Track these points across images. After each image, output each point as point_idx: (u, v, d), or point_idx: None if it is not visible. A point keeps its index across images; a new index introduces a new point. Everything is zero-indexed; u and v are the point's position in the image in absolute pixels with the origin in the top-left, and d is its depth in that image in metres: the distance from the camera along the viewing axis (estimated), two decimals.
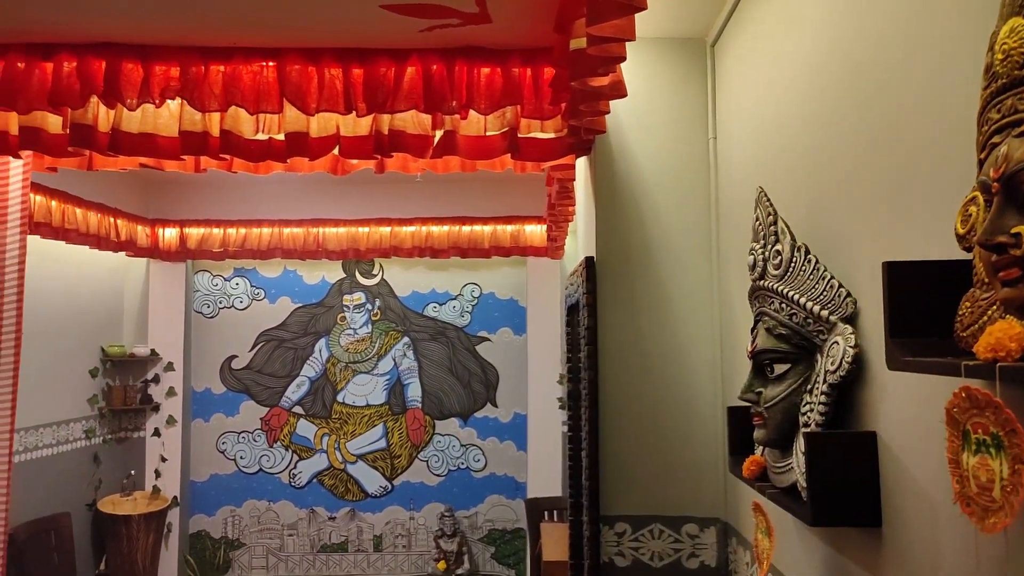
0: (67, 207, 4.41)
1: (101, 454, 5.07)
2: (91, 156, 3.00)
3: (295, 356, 5.70)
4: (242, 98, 2.49)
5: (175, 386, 5.46)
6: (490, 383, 5.70)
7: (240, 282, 5.76)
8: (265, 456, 5.64)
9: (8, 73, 2.41)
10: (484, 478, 5.63)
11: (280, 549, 5.59)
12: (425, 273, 5.77)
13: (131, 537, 4.90)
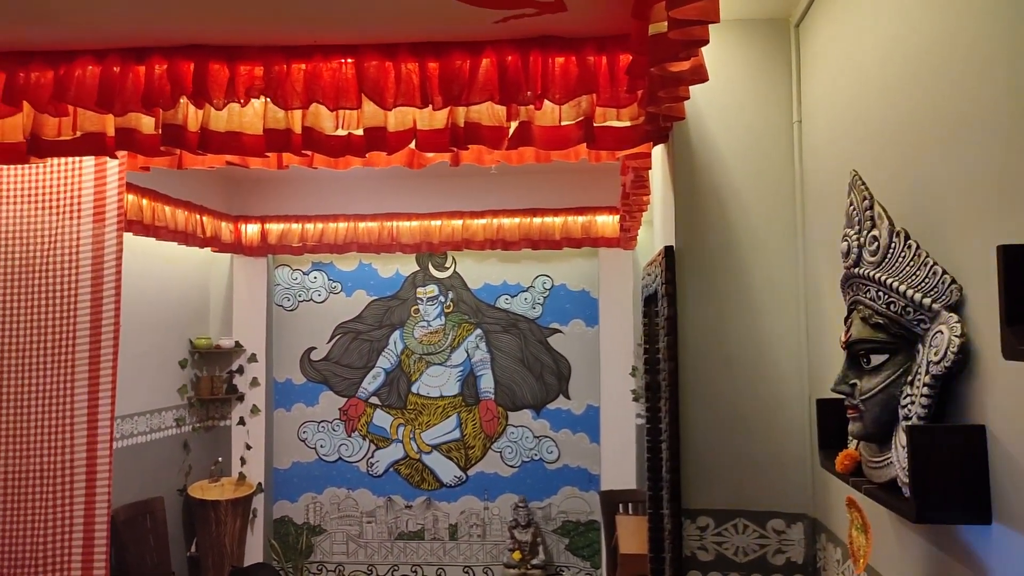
0: (157, 205, 4.61)
1: (191, 441, 5.30)
2: (181, 155, 3.12)
3: (371, 348, 5.82)
4: (323, 95, 2.54)
5: (258, 376, 5.65)
6: (562, 375, 5.69)
7: (318, 276, 5.92)
8: (344, 445, 5.79)
9: (105, 77, 2.52)
10: (557, 470, 5.63)
11: (359, 536, 5.74)
12: (497, 265, 5.80)
13: (219, 521, 5.11)
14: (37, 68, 2.54)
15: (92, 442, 2.88)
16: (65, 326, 2.92)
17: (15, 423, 2.90)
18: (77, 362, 2.90)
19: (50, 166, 3.01)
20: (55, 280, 2.94)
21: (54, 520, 2.86)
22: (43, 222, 2.99)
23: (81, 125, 2.66)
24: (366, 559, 5.72)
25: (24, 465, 2.89)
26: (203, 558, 5.13)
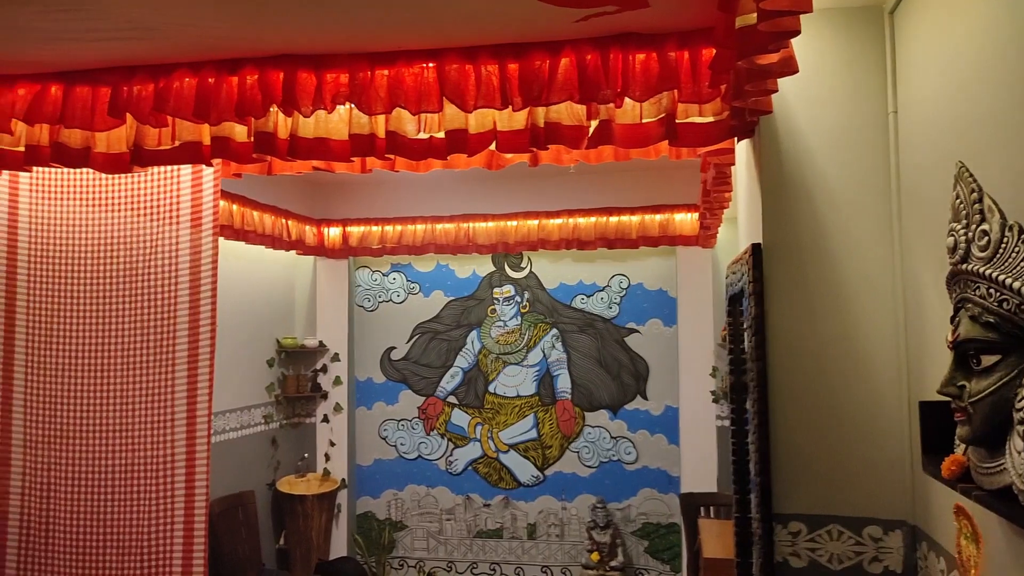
0: (246, 210, 4.79)
1: (278, 438, 5.49)
2: (271, 161, 3.24)
3: (449, 347, 5.90)
4: (405, 99, 2.59)
5: (341, 375, 5.81)
6: (640, 375, 5.63)
7: (397, 277, 6.04)
8: (423, 443, 5.89)
9: (201, 88, 2.64)
10: (636, 471, 5.58)
11: (439, 532, 5.83)
12: (572, 265, 5.79)
13: (306, 515, 5.28)
14: (139, 82, 2.68)
15: (191, 437, 3.03)
16: (166, 327, 3.07)
17: (122, 418, 3.08)
18: (177, 361, 3.05)
19: (150, 175, 3.18)
20: (157, 284, 3.10)
21: (157, 510, 3.02)
22: (145, 229, 3.16)
23: (179, 135, 2.79)
24: (446, 556, 5.80)
25: (130, 458, 3.06)
26: (291, 550, 5.31)
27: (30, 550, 3.08)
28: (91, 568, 3.04)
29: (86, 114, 2.71)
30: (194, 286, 3.08)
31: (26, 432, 3.12)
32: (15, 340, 3.15)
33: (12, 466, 3.10)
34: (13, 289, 3.16)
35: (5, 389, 3.12)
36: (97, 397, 3.10)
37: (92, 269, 3.16)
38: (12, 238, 3.18)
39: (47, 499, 3.09)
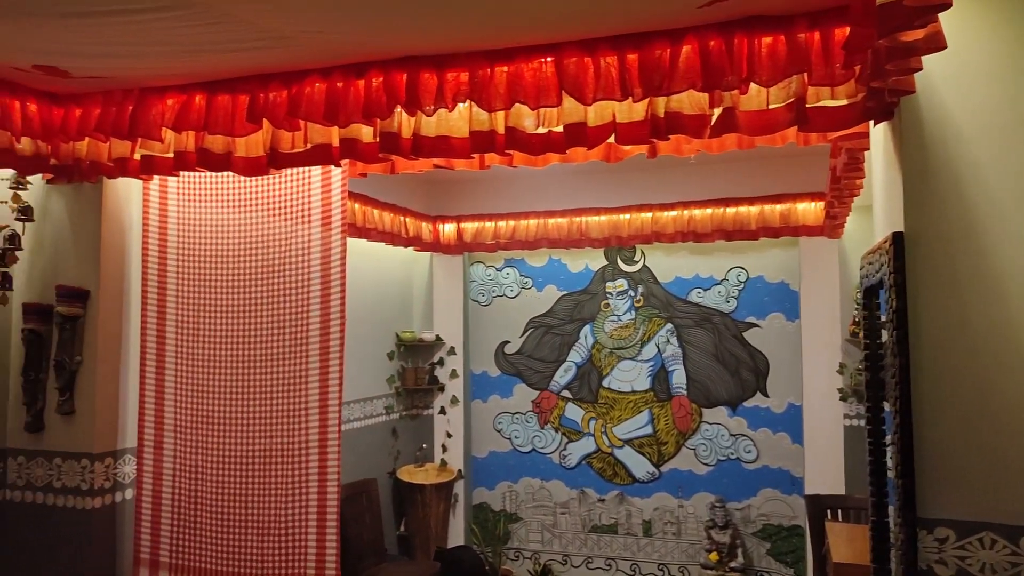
0: (367, 209, 4.98)
1: (398, 428, 5.69)
2: (394, 161, 3.35)
3: (562, 342, 5.91)
4: (524, 95, 2.60)
5: (457, 368, 5.94)
6: (760, 371, 5.45)
7: (510, 272, 6.10)
8: (537, 437, 5.93)
9: (331, 92, 2.76)
10: (756, 470, 5.40)
11: (553, 526, 5.86)
12: (688, 258, 5.66)
13: (425, 504, 5.44)
14: (274, 89, 2.83)
15: (323, 425, 3.18)
16: (299, 321, 3.24)
17: (260, 406, 3.28)
18: (310, 353, 3.21)
19: (283, 177, 3.35)
20: (291, 280, 3.28)
21: (293, 494, 3.20)
22: (279, 228, 3.34)
23: (311, 138, 2.92)
24: (561, 549, 5.83)
25: (268, 444, 3.25)
26: (411, 537, 5.49)
27: (181, 526, 3.33)
28: (235, 546, 3.26)
29: (227, 121, 2.89)
30: (325, 282, 3.23)
31: (176, 418, 3.37)
32: (166, 332, 3.41)
33: (164, 449, 3.36)
34: (164, 285, 3.42)
35: (159, 378, 3.39)
36: (238, 386, 3.31)
37: (233, 267, 3.37)
38: (163, 238, 3.44)
39: (195, 480, 3.33)
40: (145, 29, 2.30)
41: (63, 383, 3.24)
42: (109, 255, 3.33)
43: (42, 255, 3.36)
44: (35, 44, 2.47)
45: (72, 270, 3.30)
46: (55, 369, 3.26)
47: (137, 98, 2.95)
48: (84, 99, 3.03)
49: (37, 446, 3.29)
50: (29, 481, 3.30)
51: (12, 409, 3.34)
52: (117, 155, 3.10)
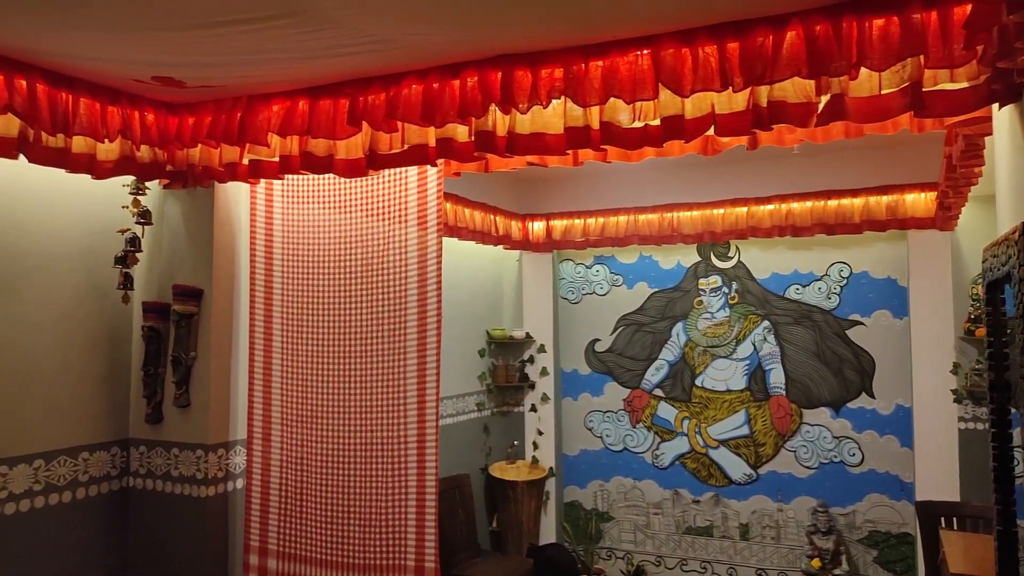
0: (458, 208, 5.04)
1: (490, 425, 5.74)
2: (487, 159, 3.38)
3: (654, 340, 5.82)
4: (619, 89, 2.58)
5: (547, 366, 5.95)
6: (865, 371, 5.20)
7: (600, 269, 6.06)
8: (629, 436, 5.87)
9: (427, 93, 2.81)
10: (862, 474, 5.16)
11: (646, 526, 5.78)
12: (785, 253, 5.47)
13: (516, 500, 5.47)
14: (373, 92, 2.90)
15: (421, 421, 3.24)
16: (397, 319, 3.32)
17: (361, 401, 3.37)
18: (408, 349, 3.28)
19: (381, 179, 3.43)
20: (389, 279, 3.36)
21: (393, 488, 3.27)
22: (377, 229, 3.42)
23: (408, 138, 2.98)
24: (654, 550, 5.74)
25: (368, 437, 3.34)
26: (504, 533, 5.53)
27: (287, 515, 3.47)
28: (338, 536, 3.36)
29: (329, 124, 2.98)
30: (421, 281, 3.29)
31: (283, 411, 3.51)
32: (272, 329, 3.55)
33: (272, 441, 3.51)
34: (270, 284, 3.57)
35: (266, 373, 3.54)
36: (339, 381, 3.42)
37: (333, 266, 3.48)
38: (268, 239, 3.59)
39: (300, 471, 3.46)
40: (256, 38, 2.40)
41: (179, 377, 3.43)
42: (220, 256, 3.50)
43: (160, 256, 3.56)
44: (155, 56, 2.62)
45: (187, 270, 3.49)
46: (172, 364, 3.45)
47: (245, 105, 3.09)
48: (197, 108, 3.20)
49: (157, 436, 3.50)
50: (150, 469, 3.51)
51: (134, 401, 3.56)
52: (227, 160, 3.26)
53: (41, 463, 3.17)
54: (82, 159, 2.99)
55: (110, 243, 3.42)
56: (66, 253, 3.30)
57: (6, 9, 2.26)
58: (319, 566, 3.39)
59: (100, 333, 3.44)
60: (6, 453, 3.04)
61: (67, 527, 3.26)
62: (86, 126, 2.92)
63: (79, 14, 2.28)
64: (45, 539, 3.17)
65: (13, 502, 3.06)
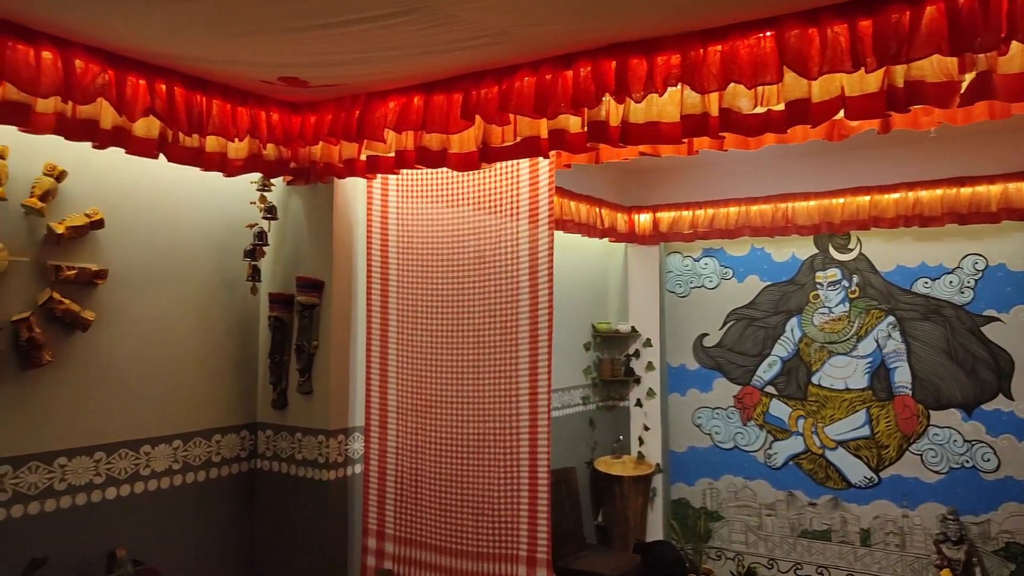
0: (564, 201, 5.02)
1: (595, 419, 5.70)
2: (599, 150, 3.35)
3: (766, 335, 5.62)
4: (740, 74, 2.49)
5: (653, 361, 5.85)
6: (1002, 371, 4.84)
7: (709, 262, 5.90)
8: (739, 433, 5.69)
9: (539, 85, 2.80)
10: (997, 481, 4.80)
11: (759, 527, 5.59)
12: (912, 244, 5.15)
13: (622, 496, 5.42)
14: (486, 85, 2.93)
15: (533, 412, 3.26)
16: (509, 312, 3.35)
17: (473, 391, 3.43)
18: (519, 342, 3.31)
19: (492, 173, 3.47)
20: (501, 273, 3.39)
21: (505, 478, 3.31)
22: (489, 223, 3.46)
23: (520, 131, 2.99)
24: (767, 552, 5.55)
25: (481, 428, 3.39)
26: (609, 528, 5.49)
27: (403, 501, 3.57)
28: (451, 523, 3.43)
29: (443, 119, 3.03)
30: (533, 275, 3.31)
31: (398, 400, 3.61)
32: (388, 320, 3.66)
33: (388, 429, 3.62)
34: (386, 277, 3.68)
35: (382, 362, 3.65)
36: (452, 372, 3.48)
37: (446, 259, 3.55)
38: (384, 233, 3.70)
39: (415, 459, 3.55)
40: (378, 35, 2.47)
41: (302, 365, 3.58)
42: (340, 249, 3.64)
43: (284, 250, 3.74)
44: (283, 58, 2.74)
45: (309, 263, 3.64)
46: (296, 352, 3.61)
47: (363, 103, 3.19)
48: (318, 106, 3.33)
49: (282, 421, 3.68)
50: (276, 452, 3.69)
51: (261, 388, 3.75)
52: (346, 156, 3.38)
53: (179, 443, 3.40)
54: (215, 158, 3.17)
55: (239, 237, 3.62)
56: (201, 247, 3.52)
57: (148, 18, 2.42)
58: (434, 551, 3.47)
59: (231, 323, 3.65)
60: (150, 433, 3.28)
61: (202, 504, 3.48)
62: (218, 126, 3.09)
63: (216, 20, 2.42)
64: (183, 514, 3.40)
65: (155, 479, 3.30)
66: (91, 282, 3.06)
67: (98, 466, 3.10)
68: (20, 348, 2.84)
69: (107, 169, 3.13)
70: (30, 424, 2.89)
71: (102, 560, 3.03)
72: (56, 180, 2.94)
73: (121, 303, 3.19)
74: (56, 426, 2.97)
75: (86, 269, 3.03)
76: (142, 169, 3.23)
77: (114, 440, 3.16)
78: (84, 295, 3.05)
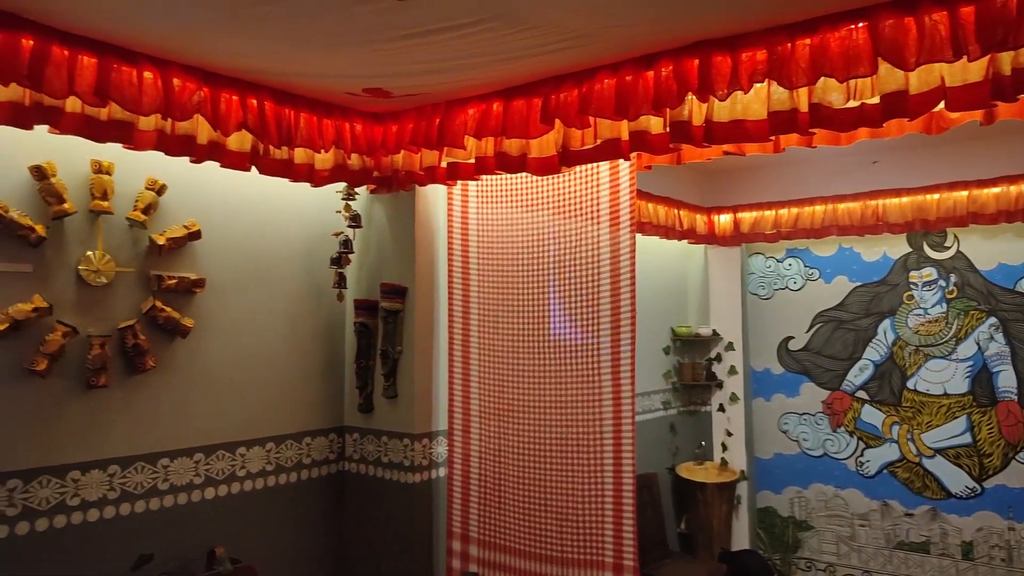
0: (642, 203, 4.96)
1: (676, 424, 5.60)
2: (680, 151, 3.30)
3: (856, 338, 5.40)
4: (831, 67, 2.41)
5: (735, 365, 5.70)
6: None
7: (793, 263, 5.72)
8: (829, 440, 5.49)
9: (620, 86, 2.78)
10: None
11: (851, 538, 5.37)
12: (1014, 241, 4.87)
13: (706, 503, 5.30)
14: (566, 89, 2.92)
15: (617, 417, 3.23)
16: (590, 316, 3.33)
17: (555, 396, 3.42)
18: (601, 347, 3.29)
19: (572, 177, 3.46)
20: (581, 277, 3.38)
21: (589, 483, 3.29)
22: (569, 227, 3.45)
23: (600, 133, 2.97)
24: (860, 564, 5.32)
25: (563, 433, 3.38)
26: (693, 536, 5.38)
27: (487, 505, 3.59)
28: (535, 528, 3.43)
29: (522, 124, 3.04)
30: (614, 279, 3.28)
31: (480, 404, 3.64)
32: (469, 325, 3.69)
33: (471, 433, 3.65)
34: (467, 282, 3.71)
35: (464, 367, 3.69)
36: (534, 376, 3.49)
37: (526, 264, 3.56)
38: (464, 239, 3.74)
39: (498, 463, 3.57)
40: (462, 43, 2.51)
41: (387, 370, 3.66)
42: (422, 255, 3.70)
43: (368, 257, 3.82)
44: (368, 69, 2.81)
45: (392, 269, 3.72)
46: (381, 357, 3.69)
47: (444, 111, 3.23)
48: (400, 116, 3.39)
49: (368, 425, 3.76)
50: (362, 455, 3.77)
51: (348, 392, 3.85)
52: (427, 164, 3.43)
53: (272, 446, 3.52)
54: (303, 169, 3.28)
55: (325, 246, 3.73)
56: (290, 255, 3.64)
57: (241, 37, 2.52)
58: (518, 556, 3.48)
59: (318, 328, 3.76)
60: (245, 436, 3.41)
61: (294, 504, 3.60)
62: (306, 138, 3.19)
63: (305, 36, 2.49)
64: (276, 514, 3.51)
65: (250, 480, 3.42)
66: (190, 291, 3.20)
67: (198, 467, 3.24)
68: (126, 354, 3.00)
69: (203, 182, 3.28)
70: (136, 426, 3.05)
71: (202, 558, 3.17)
72: (157, 194, 3.10)
73: (217, 310, 3.33)
74: (160, 428, 3.12)
75: (185, 278, 3.17)
76: (234, 182, 3.37)
77: (212, 442, 3.30)
78: (183, 303, 3.20)
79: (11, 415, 2.71)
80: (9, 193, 2.71)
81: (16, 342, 2.69)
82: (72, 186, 2.84)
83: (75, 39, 2.47)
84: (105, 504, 2.93)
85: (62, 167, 2.81)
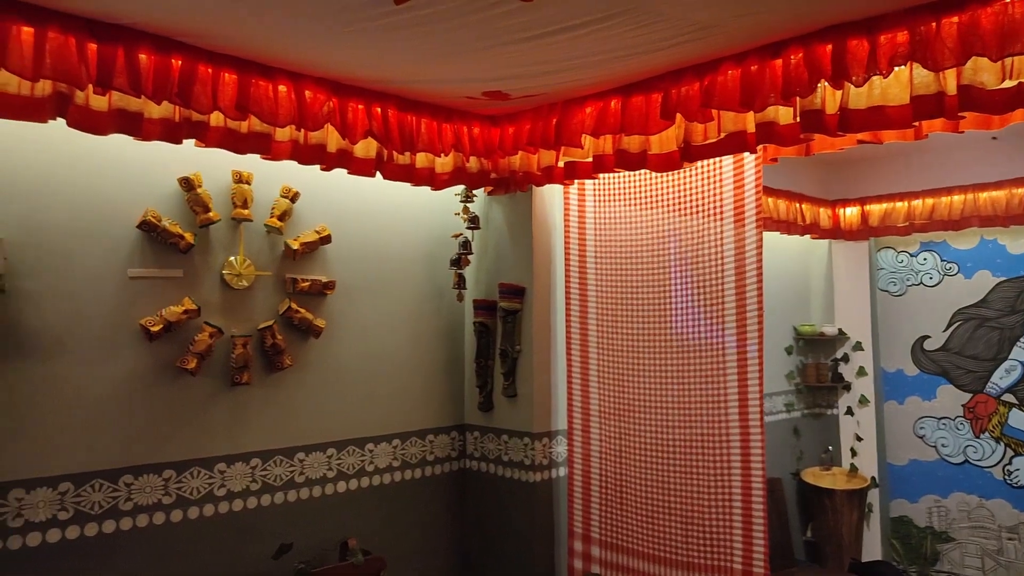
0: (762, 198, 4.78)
1: (800, 427, 5.37)
2: (811, 142, 3.16)
3: (1001, 337, 5.00)
4: (982, 45, 2.23)
5: (864, 366, 5.41)
6: None
7: (928, 257, 5.37)
8: (971, 446, 5.11)
9: (745, 77, 2.68)
10: None
11: (999, 552, 4.98)
12: None
13: (834, 510, 5.05)
14: (686, 83, 2.85)
15: (744, 419, 3.13)
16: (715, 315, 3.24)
17: (678, 396, 3.35)
18: (727, 347, 3.19)
19: (694, 174, 3.37)
20: (705, 275, 3.30)
21: (716, 486, 3.20)
22: (691, 225, 3.37)
23: (724, 127, 2.88)
24: None
25: (687, 433, 3.31)
26: (820, 544, 5.14)
27: (608, 505, 3.56)
28: (659, 530, 3.37)
29: (641, 120, 3.00)
30: (740, 278, 3.19)
31: (600, 404, 3.62)
32: (588, 324, 3.68)
33: (591, 433, 3.63)
34: (584, 281, 3.70)
35: (583, 366, 3.67)
36: (656, 376, 3.43)
37: (646, 262, 3.50)
38: (582, 238, 3.72)
39: (619, 463, 3.53)
40: (584, 42, 2.49)
41: (507, 369, 3.69)
42: (540, 255, 3.71)
43: (486, 257, 3.88)
44: (489, 73, 2.84)
45: (510, 269, 3.75)
46: (500, 357, 3.73)
47: (561, 110, 3.23)
48: (517, 117, 3.42)
49: (488, 423, 3.81)
50: (483, 453, 3.83)
51: (468, 391, 3.92)
52: (544, 164, 3.44)
53: (398, 442, 3.63)
54: (424, 173, 3.36)
55: (445, 247, 3.81)
56: (412, 258, 3.75)
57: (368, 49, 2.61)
58: (641, 558, 3.43)
59: (440, 328, 3.85)
60: (373, 432, 3.54)
61: (419, 499, 3.70)
62: (427, 143, 3.27)
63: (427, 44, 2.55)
64: (403, 508, 3.62)
65: (379, 475, 3.55)
66: (322, 292, 3.35)
67: (330, 461, 3.39)
68: (266, 353, 3.17)
69: (331, 189, 3.42)
70: (275, 422, 3.22)
71: (335, 549, 3.30)
72: (291, 201, 3.26)
73: (346, 311, 3.47)
74: (296, 424, 3.28)
75: (317, 281, 3.32)
76: (359, 188, 3.49)
77: (343, 438, 3.44)
78: (316, 305, 3.35)
79: (167, 410, 2.92)
80: (161, 203, 2.92)
81: (169, 343, 2.90)
82: (216, 196, 3.03)
83: (218, 57, 2.63)
84: (248, 495, 3.11)
85: (207, 178, 3.01)
